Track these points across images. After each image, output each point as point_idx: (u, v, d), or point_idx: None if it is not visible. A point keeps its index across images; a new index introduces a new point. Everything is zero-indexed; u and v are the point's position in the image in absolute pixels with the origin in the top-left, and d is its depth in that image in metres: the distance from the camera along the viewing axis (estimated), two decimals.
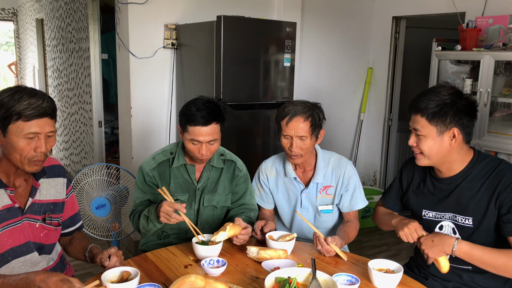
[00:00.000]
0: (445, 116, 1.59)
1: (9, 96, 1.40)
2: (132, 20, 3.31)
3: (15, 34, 8.76)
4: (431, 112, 1.59)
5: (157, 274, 1.63)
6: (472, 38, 3.19)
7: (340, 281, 1.55)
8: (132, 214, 2.02)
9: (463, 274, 1.74)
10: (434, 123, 1.60)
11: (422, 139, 1.65)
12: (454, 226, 1.73)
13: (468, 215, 1.68)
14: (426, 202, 1.80)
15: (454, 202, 1.71)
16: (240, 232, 1.81)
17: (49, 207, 1.64)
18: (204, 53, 3.18)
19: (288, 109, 1.95)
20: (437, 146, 1.62)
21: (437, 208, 1.76)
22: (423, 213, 1.81)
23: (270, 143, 3.44)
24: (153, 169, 2.01)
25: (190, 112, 1.88)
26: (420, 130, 1.64)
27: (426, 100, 1.61)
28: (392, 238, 4.07)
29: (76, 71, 4.94)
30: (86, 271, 3.22)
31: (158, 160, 2.03)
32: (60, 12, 5.31)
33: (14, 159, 1.45)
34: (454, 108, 1.58)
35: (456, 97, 1.60)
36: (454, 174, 1.70)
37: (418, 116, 1.64)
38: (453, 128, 1.60)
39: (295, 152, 1.95)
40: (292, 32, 3.34)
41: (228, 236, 1.77)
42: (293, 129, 1.93)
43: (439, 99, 1.59)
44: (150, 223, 1.88)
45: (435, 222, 1.77)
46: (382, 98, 4.62)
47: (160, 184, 2.01)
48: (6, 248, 1.49)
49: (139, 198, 2.04)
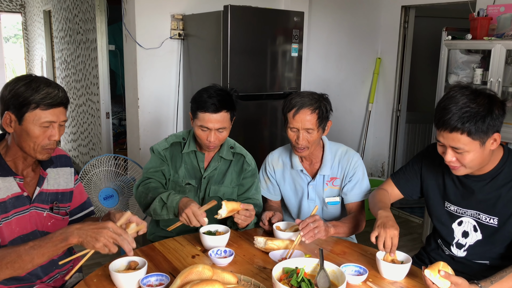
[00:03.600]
0: (487, 127, 1.49)
1: (25, 85, 1.42)
2: (139, 10, 3.30)
3: (23, 26, 8.79)
4: (474, 128, 1.47)
5: (165, 264, 1.63)
6: (483, 27, 3.14)
7: (348, 272, 1.54)
8: (143, 185, 1.96)
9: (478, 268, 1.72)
10: (478, 137, 1.49)
11: (465, 154, 1.54)
12: (475, 223, 1.69)
13: (494, 214, 1.64)
14: (449, 194, 1.75)
15: (480, 200, 1.67)
16: (241, 207, 1.79)
17: (57, 196, 1.65)
18: (211, 43, 3.17)
19: (295, 101, 1.92)
20: (479, 155, 1.54)
21: (460, 203, 1.72)
22: (446, 204, 1.77)
23: (277, 134, 3.43)
24: (165, 149, 2.03)
25: (202, 99, 1.89)
26: (463, 147, 1.52)
27: (459, 114, 1.48)
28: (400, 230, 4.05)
29: (84, 62, 4.94)
30: (94, 261, 3.23)
31: (171, 141, 2.05)
32: (67, 3, 5.30)
33: (27, 147, 1.47)
34: (493, 115, 1.49)
35: (490, 104, 1.49)
36: (484, 173, 1.64)
37: (457, 134, 1.49)
38: (494, 134, 1.53)
39: (301, 144, 1.93)
40: (299, 21, 3.31)
41: (227, 210, 1.74)
42: (300, 122, 1.90)
43: (476, 111, 1.47)
44: (164, 210, 1.84)
45: (456, 216, 1.74)
46: (390, 88, 4.57)
47: (171, 165, 2.01)
48: (14, 236, 1.51)
49: (153, 167, 2.01)
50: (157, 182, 1.98)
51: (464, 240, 1.73)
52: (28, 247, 1.35)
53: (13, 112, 1.43)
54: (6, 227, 1.48)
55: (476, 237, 1.70)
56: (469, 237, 1.71)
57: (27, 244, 1.36)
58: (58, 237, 1.35)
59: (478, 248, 1.70)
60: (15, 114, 1.44)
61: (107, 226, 1.35)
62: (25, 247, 1.35)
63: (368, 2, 4.49)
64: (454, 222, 1.74)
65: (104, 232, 1.34)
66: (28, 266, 1.36)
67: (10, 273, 1.36)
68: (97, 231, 1.34)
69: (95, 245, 1.33)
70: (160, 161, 2.03)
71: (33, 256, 1.34)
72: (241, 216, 1.81)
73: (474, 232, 1.70)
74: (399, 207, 4.50)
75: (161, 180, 2.01)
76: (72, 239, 1.34)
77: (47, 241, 1.35)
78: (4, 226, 1.48)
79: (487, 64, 3.13)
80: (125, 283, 1.43)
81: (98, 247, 1.33)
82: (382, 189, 1.95)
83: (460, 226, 1.73)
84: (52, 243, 1.35)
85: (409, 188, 1.90)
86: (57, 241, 1.35)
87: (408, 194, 1.91)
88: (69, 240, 1.34)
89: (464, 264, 1.74)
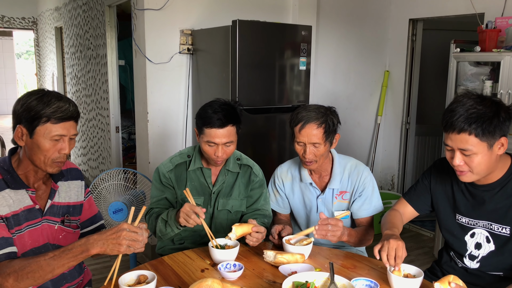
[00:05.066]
0: (494, 129, 1.50)
1: (37, 99, 1.45)
2: (148, 26, 3.34)
3: (35, 42, 8.95)
4: (481, 129, 1.48)
5: (174, 278, 1.63)
6: (491, 39, 3.13)
7: (359, 286, 1.52)
8: (149, 214, 2.02)
9: (492, 279, 1.69)
10: (485, 138, 1.50)
11: (473, 157, 1.54)
12: (488, 234, 1.68)
13: (506, 224, 1.63)
14: (459, 206, 1.74)
15: (491, 210, 1.65)
16: (252, 230, 1.79)
17: (68, 209, 1.66)
18: (219, 57, 3.19)
19: (301, 116, 1.91)
20: (487, 159, 1.54)
21: (471, 214, 1.71)
22: (457, 217, 1.75)
23: (286, 147, 3.43)
24: (170, 171, 2.02)
25: (207, 114, 1.89)
26: (471, 149, 1.52)
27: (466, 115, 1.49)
28: (411, 243, 4.01)
29: (94, 77, 5.01)
30: (103, 275, 3.24)
31: (175, 163, 2.04)
32: (78, 20, 5.40)
33: (38, 160, 1.48)
34: (500, 117, 1.50)
35: (497, 107, 1.51)
36: (492, 182, 1.63)
37: (465, 135, 1.50)
38: (501, 138, 1.53)
39: (308, 158, 1.93)
40: (307, 35, 3.33)
41: (236, 235, 1.75)
42: (306, 136, 1.90)
43: (483, 112, 1.49)
44: (168, 228, 1.88)
45: (468, 228, 1.72)
46: (399, 101, 4.56)
47: (177, 186, 2.02)
48: (26, 249, 1.52)
49: (156, 196, 2.04)
50: (160, 208, 2.01)
51: (477, 251, 1.70)
52: (48, 258, 1.37)
53: (25, 126, 1.46)
54: (19, 240, 1.49)
55: (489, 248, 1.68)
56: (482, 248, 1.69)
57: (47, 254, 1.39)
58: (78, 249, 1.37)
59: (491, 259, 1.68)
60: (27, 128, 1.46)
61: (124, 228, 1.38)
62: (45, 257, 1.38)
63: (375, 16, 4.51)
64: (467, 235, 1.72)
65: (124, 234, 1.37)
66: (48, 276, 1.39)
67: (31, 283, 1.38)
68: (116, 236, 1.37)
69: (120, 250, 1.37)
70: (162, 188, 2.03)
71: (53, 266, 1.37)
72: (253, 238, 1.81)
73: (487, 243, 1.68)
74: (410, 221, 4.45)
75: (165, 206, 2.03)
76: (93, 250, 1.37)
77: (67, 252, 1.37)
78: (17, 238, 1.49)
79: (496, 76, 3.12)
80: None
81: (123, 250, 1.37)
82: (394, 210, 1.94)
83: (472, 238, 1.71)
84: (72, 254, 1.37)
85: (421, 203, 1.89)
86: (77, 252, 1.37)
87: (421, 209, 1.91)
88: (90, 251, 1.37)
89: (477, 276, 1.71)
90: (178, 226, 1.84)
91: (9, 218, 1.47)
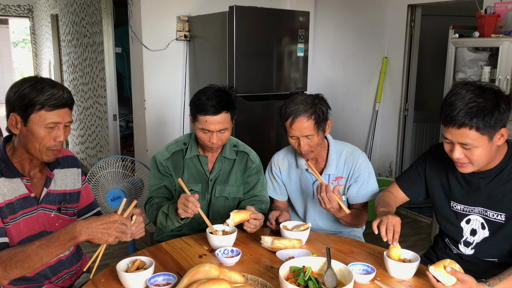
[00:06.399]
0: (495, 122, 1.48)
1: (30, 86, 1.43)
2: (145, 12, 3.31)
3: (31, 30, 8.87)
4: (482, 123, 1.46)
5: (172, 264, 1.63)
6: (490, 24, 3.11)
7: (356, 271, 1.53)
8: (149, 204, 2.02)
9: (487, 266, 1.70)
10: (486, 132, 1.48)
11: (473, 150, 1.52)
12: (483, 221, 1.68)
13: (501, 210, 1.63)
14: (454, 193, 1.74)
15: (486, 197, 1.65)
16: (250, 216, 1.80)
17: (65, 197, 1.66)
18: (217, 44, 3.17)
19: (290, 110, 1.91)
20: (487, 151, 1.52)
21: (467, 201, 1.71)
22: (451, 204, 1.75)
23: (283, 134, 3.41)
24: (166, 159, 2.02)
25: (200, 101, 1.88)
26: (472, 143, 1.50)
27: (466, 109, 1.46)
28: (409, 229, 4.03)
29: (91, 65, 4.97)
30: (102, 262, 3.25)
31: (172, 151, 2.03)
32: (74, 7, 5.34)
33: (33, 148, 1.47)
34: (500, 109, 1.47)
35: (497, 99, 1.48)
36: (488, 169, 1.62)
37: (465, 130, 1.47)
38: (501, 129, 1.51)
39: (304, 150, 1.93)
40: (305, 21, 3.30)
41: (234, 222, 1.76)
42: (297, 130, 1.90)
43: (483, 106, 1.46)
44: (168, 221, 1.88)
45: (463, 215, 1.73)
46: (397, 88, 4.55)
47: (174, 174, 2.02)
48: (22, 237, 1.52)
49: (155, 185, 2.04)
50: (160, 198, 2.01)
51: (472, 238, 1.71)
52: (35, 247, 1.36)
53: (19, 114, 1.44)
54: (14, 228, 1.49)
55: (484, 235, 1.68)
56: (477, 235, 1.70)
57: (34, 243, 1.37)
58: (65, 236, 1.36)
59: (485, 246, 1.69)
60: (21, 116, 1.44)
61: (115, 219, 1.38)
62: (32, 246, 1.37)
63: (374, 1, 4.47)
64: (462, 221, 1.73)
65: (115, 226, 1.37)
66: (37, 265, 1.38)
67: (20, 272, 1.37)
68: (107, 226, 1.36)
69: (108, 240, 1.37)
70: (160, 176, 2.03)
71: (41, 255, 1.36)
72: (251, 225, 1.81)
73: (482, 230, 1.68)
74: (408, 207, 4.47)
75: (165, 195, 2.03)
76: (80, 237, 1.36)
77: (54, 240, 1.37)
78: (12, 227, 1.49)
79: (495, 62, 3.10)
80: (133, 282, 1.43)
81: (111, 241, 1.37)
82: (388, 191, 1.94)
83: (468, 224, 1.72)
84: (59, 242, 1.36)
85: (414, 190, 1.89)
86: (65, 240, 1.36)
87: (413, 196, 1.90)
88: (77, 239, 1.36)
89: (472, 263, 1.72)
90: (178, 219, 1.84)
91: (3, 207, 1.46)
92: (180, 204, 1.75)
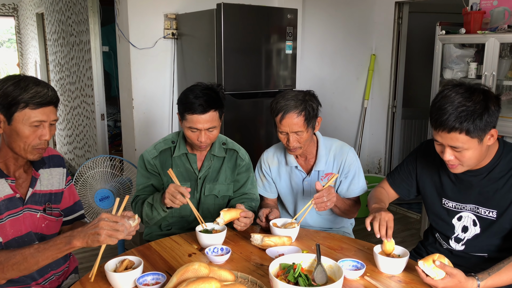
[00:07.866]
0: (484, 124, 1.48)
1: (14, 84, 1.41)
2: (131, 10, 3.28)
3: (16, 30, 8.75)
4: (473, 127, 1.46)
5: (161, 263, 1.62)
6: (476, 20, 3.13)
7: (346, 267, 1.53)
8: (135, 201, 2.00)
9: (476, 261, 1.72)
10: (476, 135, 1.48)
11: (464, 152, 1.52)
12: (475, 218, 1.69)
13: (492, 207, 1.64)
14: (446, 190, 1.74)
15: (477, 194, 1.66)
16: (240, 215, 1.79)
17: (50, 197, 1.64)
18: (204, 42, 3.15)
19: (280, 106, 1.90)
20: (477, 152, 1.53)
21: (458, 198, 1.71)
22: (443, 201, 1.76)
23: (272, 132, 3.42)
24: (154, 157, 2.00)
25: (188, 100, 1.86)
26: (462, 146, 1.50)
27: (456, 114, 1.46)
28: (398, 225, 4.06)
29: (78, 64, 4.92)
30: (91, 263, 3.22)
31: (159, 149, 2.02)
32: (60, 5, 5.28)
33: (17, 147, 1.45)
34: (490, 111, 1.48)
35: (486, 101, 1.48)
36: (480, 167, 1.63)
37: (455, 134, 1.48)
38: (491, 130, 1.52)
39: (293, 146, 1.93)
40: (293, 19, 3.30)
41: (224, 221, 1.75)
42: (287, 126, 1.89)
43: (473, 110, 1.46)
44: (154, 211, 1.87)
45: (455, 212, 1.73)
46: (386, 85, 4.57)
47: (162, 173, 2.00)
48: (8, 238, 1.49)
49: (142, 184, 2.02)
50: (147, 196, 1.99)
51: (463, 234, 1.72)
52: (33, 250, 1.36)
53: (2, 112, 1.42)
54: (0, 229, 1.47)
55: (475, 231, 1.69)
56: (468, 231, 1.71)
57: (32, 246, 1.37)
58: (62, 241, 1.35)
59: (476, 241, 1.70)
60: (4, 114, 1.42)
61: (102, 217, 1.35)
62: (30, 249, 1.36)
63: None
64: (454, 218, 1.74)
65: (101, 224, 1.33)
66: (34, 268, 1.38)
67: (16, 274, 1.38)
68: (94, 226, 1.33)
69: (100, 240, 1.33)
70: (147, 175, 2.02)
71: (38, 259, 1.36)
72: (241, 223, 1.80)
73: (473, 227, 1.69)
74: (397, 203, 4.50)
75: (152, 193, 2.01)
76: (75, 243, 1.34)
77: (51, 245, 1.36)
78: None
79: (481, 58, 3.13)
80: (121, 282, 1.42)
81: (103, 240, 1.33)
82: (380, 187, 1.95)
83: (460, 221, 1.72)
84: (56, 247, 1.35)
85: (405, 188, 1.89)
86: (62, 245, 1.35)
87: (405, 194, 1.91)
88: (72, 244, 1.34)
89: (462, 258, 1.73)
90: (164, 208, 1.83)
91: None
92: (168, 193, 1.73)
